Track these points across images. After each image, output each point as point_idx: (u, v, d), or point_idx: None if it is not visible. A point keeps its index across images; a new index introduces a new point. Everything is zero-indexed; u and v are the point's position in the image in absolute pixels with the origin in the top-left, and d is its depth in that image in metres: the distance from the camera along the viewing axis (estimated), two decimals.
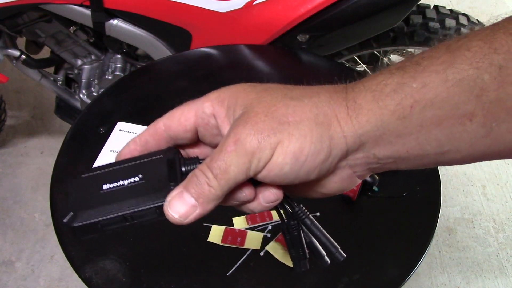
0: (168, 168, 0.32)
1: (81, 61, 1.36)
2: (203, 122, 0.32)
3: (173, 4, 1.09)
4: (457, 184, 1.67)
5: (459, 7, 1.46)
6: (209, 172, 0.29)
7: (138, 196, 0.31)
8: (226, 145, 0.28)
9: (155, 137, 0.33)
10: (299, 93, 0.30)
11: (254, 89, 0.30)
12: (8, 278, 1.43)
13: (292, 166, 0.28)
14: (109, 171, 0.33)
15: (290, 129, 0.28)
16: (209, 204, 0.30)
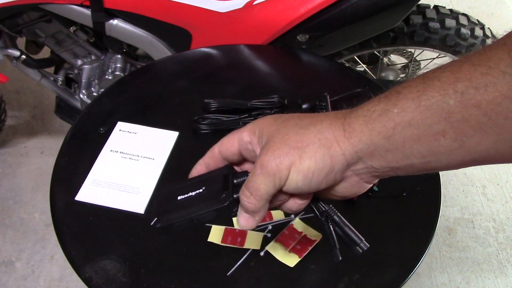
0: (223, 181, 0.42)
1: (81, 61, 1.36)
2: (244, 147, 0.42)
3: (173, 4, 1.09)
4: (457, 184, 1.67)
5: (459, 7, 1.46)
6: (247, 192, 0.39)
7: (201, 203, 0.41)
8: (255, 169, 0.38)
9: (213, 160, 0.44)
10: (307, 122, 0.38)
11: (275, 122, 0.40)
12: (8, 278, 1.43)
13: (303, 181, 0.37)
14: (183, 186, 0.44)
15: (299, 153, 0.36)
16: (258, 214, 0.40)
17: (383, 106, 0.34)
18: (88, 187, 0.77)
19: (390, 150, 0.34)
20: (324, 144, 0.36)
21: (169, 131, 0.86)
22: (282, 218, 0.73)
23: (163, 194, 0.45)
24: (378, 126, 0.34)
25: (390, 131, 0.34)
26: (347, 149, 0.36)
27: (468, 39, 1.26)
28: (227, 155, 0.43)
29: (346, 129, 0.36)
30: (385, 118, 0.34)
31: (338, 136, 0.36)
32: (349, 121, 0.36)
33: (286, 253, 0.69)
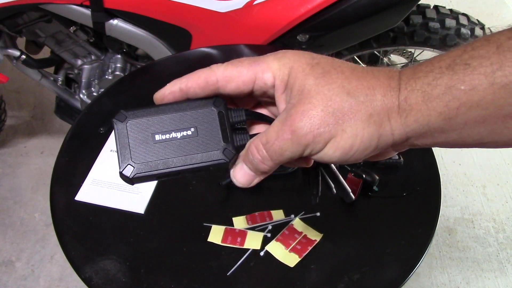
0: (219, 122, 0.33)
1: (81, 61, 1.36)
2: (261, 90, 0.34)
3: (173, 4, 1.09)
4: (457, 184, 1.67)
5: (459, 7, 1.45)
6: (265, 153, 0.32)
7: (193, 152, 0.33)
8: (283, 132, 0.31)
9: (204, 90, 0.34)
10: (356, 86, 0.31)
11: (313, 71, 0.32)
12: (8, 278, 1.43)
13: (340, 158, 0.32)
14: (158, 119, 0.33)
15: (344, 126, 0.31)
16: (265, 174, 0.34)
17: (447, 80, 0.29)
18: (88, 187, 0.77)
19: (446, 132, 0.30)
20: (375, 121, 0.31)
21: None
22: (282, 218, 0.73)
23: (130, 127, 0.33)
24: (439, 105, 0.29)
25: (453, 112, 0.29)
26: (398, 129, 0.31)
27: (468, 39, 1.26)
28: (230, 91, 0.34)
29: (401, 105, 0.30)
30: (449, 96, 0.29)
31: (392, 112, 0.31)
32: (406, 94, 0.30)
33: (286, 253, 0.69)
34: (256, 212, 0.74)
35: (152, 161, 0.32)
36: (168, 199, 0.76)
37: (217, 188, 0.77)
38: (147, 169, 0.32)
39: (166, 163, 0.32)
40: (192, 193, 0.77)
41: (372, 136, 0.31)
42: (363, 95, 0.31)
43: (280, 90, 0.33)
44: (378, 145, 0.32)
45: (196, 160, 0.33)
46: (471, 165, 1.73)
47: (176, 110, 0.34)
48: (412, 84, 0.30)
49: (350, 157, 0.32)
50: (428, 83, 0.29)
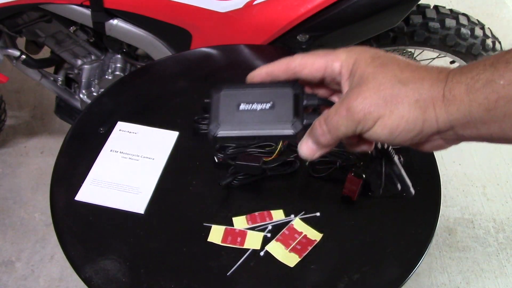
0: (293, 101, 0.39)
1: (81, 61, 1.36)
2: (330, 76, 0.39)
3: (173, 4, 1.09)
4: (457, 184, 1.67)
5: (459, 7, 1.46)
6: (325, 127, 0.37)
7: (268, 122, 0.39)
8: (341, 109, 0.36)
9: (286, 73, 0.40)
10: (408, 76, 0.35)
11: (373, 62, 0.37)
12: (8, 278, 1.43)
13: (387, 137, 0.36)
14: (245, 92, 0.40)
15: (392, 108, 0.35)
16: (326, 148, 0.39)
17: (488, 75, 0.32)
18: (88, 187, 0.77)
19: (487, 123, 0.33)
20: (420, 106, 0.34)
21: (169, 131, 0.86)
22: (282, 218, 0.73)
23: (223, 96, 0.41)
24: (480, 97, 0.32)
25: (492, 104, 0.32)
26: (442, 116, 0.34)
27: (468, 39, 1.26)
28: (305, 76, 0.40)
29: (445, 95, 0.34)
30: (489, 89, 0.32)
31: (437, 100, 0.34)
32: (451, 86, 0.34)
33: (286, 253, 0.69)
34: (256, 212, 0.74)
35: (234, 124, 0.39)
36: (168, 199, 0.76)
37: (217, 188, 0.77)
38: (230, 129, 0.39)
39: (245, 127, 0.39)
40: (192, 193, 0.77)
41: (417, 119, 0.34)
42: (412, 84, 0.35)
43: (345, 76, 0.38)
44: (423, 130, 0.35)
45: (269, 128, 0.38)
46: (471, 165, 1.73)
47: (260, 87, 0.40)
48: (457, 77, 0.34)
49: (396, 137, 0.35)
50: (472, 77, 0.33)
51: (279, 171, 0.78)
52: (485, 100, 0.32)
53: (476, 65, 0.33)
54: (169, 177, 0.79)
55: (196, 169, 0.80)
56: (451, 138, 0.36)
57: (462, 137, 0.35)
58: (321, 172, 0.78)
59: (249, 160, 0.75)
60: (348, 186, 0.74)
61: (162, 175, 0.79)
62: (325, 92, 0.43)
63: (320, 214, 0.73)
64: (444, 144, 0.38)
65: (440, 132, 0.35)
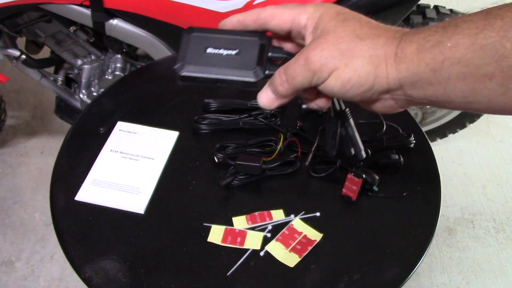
0: (259, 51, 0.40)
1: (81, 61, 1.36)
2: (296, 29, 0.40)
3: (173, 4, 1.09)
4: (457, 184, 1.67)
5: (459, 7, 1.46)
6: (284, 76, 0.38)
7: (232, 67, 0.40)
8: (299, 59, 0.37)
9: (255, 23, 0.41)
10: (365, 32, 0.36)
11: (336, 17, 0.38)
12: (8, 278, 1.43)
13: (339, 89, 0.37)
14: (214, 37, 0.41)
15: (346, 61, 0.35)
16: (284, 99, 0.40)
17: (438, 37, 0.33)
18: (88, 187, 0.77)
19: (433, 84, 0.34)
20: (373, 62, 0.35)
21: (169, 131, 0.86)
22: (282, 218, 0.73)
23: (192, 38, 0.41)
24: (428, 57, 0.33)
25: (438, 64, 0.33)
26: (392, 74, 0.35)
27: None
28: (272, 27, 0.41)
29: (398, 53, 0.35)
30: (436, 50, 0.33)
31: (389, 58, 0.35)
32: (403, 45, 0.35)
33: (286, 253, 0.69)
34: (256, 212, 0.74)
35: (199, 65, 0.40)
36: (168, 199, 0.76)
37: (217, 188, 0.77)
38: (193, 70, 0.41)
39: (209, 70, 0.40)
40: (192, 193, 0.77)
41: (369, 74, 0.35)
42: (368, 39, 0.36)
43: (309, 29, 0.39)
44: (374, 86, 0.36)
45: (232, 73, 0.40)
46: (471, 165, 1.73)
47: (229, 34, 0.41)
48: (410, 37, 0.35)
49: (347, 90, 0.36)
50: (423, 37, 0.34)
51: (279, 171, 0.78)
52: (432, 60, 0.33)
53: (430, 27, 0.34)
54: (169, 177, 0.79)
55: (196, 169, 0.80)
56: (401, 99, 0.37)
57: (411, 98, 0.36)
58: (321, 172, 0.78)
59: (249, 160, 0.75)
60: (348, 186, 0.74)
61: (162, 175, 0.79)
62: (291, 47, 0.44)
63: (320, 214, 0.73)
64: (395, 105, 0.38)
65: (390, 90, 0.36)
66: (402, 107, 0.39)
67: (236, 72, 0.40)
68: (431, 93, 0.34)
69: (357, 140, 0.46)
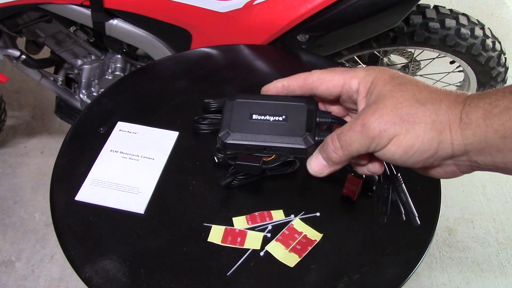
0: (307, 117, 0.39)
1: (81, 61, 1.36)
2: (347, 94, 0.39)
3: (173, 4, 1.09)
4: (457, 184, 1.67)
5: (459, 7, 1.46)
6: (337, 143, 0.37)
7: (279, 134, 0.39)
8: (355, 125, 0.36)
9: (302, 88, 0.40)
10: (426, 97, 0.35)
11: (391, 81, 0.36)
12: (8, 278, 1.43)
13: (401, 156, 0.35)
14: (259, 103, 0.40)
15: (408, 127, 0.34)
16: (336, 166, 0.38)
17: (507, 102, 0.32)
18: (88, 187, 0.77)
19: (502, 151, 0.32)
20: (437, 128, 0.34)
21: (169, 131, 0.86)
22: (282, 218, 0.73)
23: (236, 105, 0.40)
24: (497, 123, 0.32)
25: (509, 131, 0.31)
26: (457, 140, 0.34)
27: (468, 39, 1.26)
28: (321, 92, 0.40)
29: (462, 118, 0.33)
30: (506, 116, 0.31)
31: (453, 123, 0.34)
32: (468, 110, 0.33)
33: (286, 253, 0.69)
34: (256, 212, 0.74)
35: (245, 133, 0.39)
36: (168, 199, 0.76)
37: (217, 188, 0.77)
38: (239, 138, 0.39)
39: (256, 137, 0.38)
40: (192, 193, 0.77)
41: (433, 140, 0.34)
42: (430, 104, 0.34)
43: (362, 94, 0.38)
44: (437, 152, 0.34)
45: (280, 140, 0.38)
46: None
47: (274, 99, 0.40)
48: (475, 102, 0.33)
49: (409, 157, 0.35)
50: (490, 102, 0.32)
51: (279, 171, 0.78)
52: (501, 126, 0.32)
53: (496, 91, 0.33)
54: (169, 177, 0.79)
55: (196, 169, 0.80)
56: (465, 165, 0.36)
57: (476, 164, 0.35)
58: None
59: (249, 160, 0.75)
60: (348, 186, 0.74)
61: (162, 175, 0.79)
62: (339, 111, 0.43)
63: (320, 214, 0.73)
64: (457, 170, 0.37)
65: (454, 156, 0.35)
66: (464, 173, 0.38)
67: (285, 139, 0.38)
68: (500, 160, 0.33)
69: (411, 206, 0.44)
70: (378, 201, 0.45)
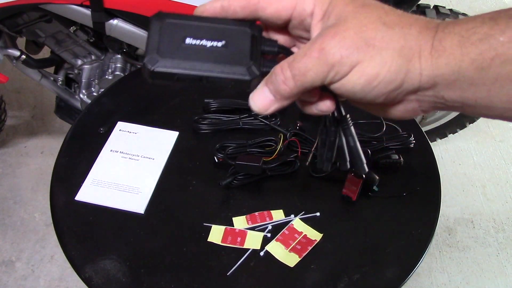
0: (251, 44, 0.33)
1: (81, 61, 1.36)
2: (299, 18, 0.33)
3: (173, 4, 1.09)
4: (457, 184, 1.67)
5: (459, 7, 1.46)
6: (288, 72, 0.31)
7: (218, 62, 0.32)
8: (311, 50, 0.30)
9: (244, 10, 0.33)
10: (393, 19, 0.30)
11: (353, 2, 0.31)
12: (8, 278, 1.43)
13: (363, 87, 0.30)
14: (193, 25, 0.33)
15: (373, 53, 0.29)
16: (285, 101, 0.32)
17: (486, 29, 0.28)
18: (88, 187, 0.77)
19: (475, 85, 0.28)
20: (405, 55, 0.29)
21: (169, 131, 0.86)
22: (282, 218, 0.73)
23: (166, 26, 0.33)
24: (474, 52, 0.28)
25: (487, 62, 0.27)
26: (427, 70, 0.29)
27: None
28: (269, 16, 0.33)
29: (435, 45, 0.29)
30: (486, 44, 0.27)
31: (424, 50, 0.29)
32: (441, 36, 0.29)
33: (286, 253, 0.69)
34: (256, 212, 0.74)
35: (177, 59, 0.32)
36: (168, 199, 0.76)
37: (217, 188, 0.77)
38: (170, 65, 0.32)
39: (190, 65, 0.32)
40: (192, 193, 0.77)
41: (400, 68, 0.29)
42: (398, 27, 0.30)
43: (317, 17, 0.32)
44: (403, 83, 0.30)
45: (220, 70, 0.32)
46: (471, 165, 1.73)
47: (211, 22, 0.33)
48: (450, 28, 0.29)
49: (373, 88, 0.30)
50: (467, 29, 0.28)
51: (279, 171, 0.78)
52: (479, 56, 0.28)
53: (473, 18, 0.29)
54: (169, 177, 0.79)
55: (196, 169, 0.80)
56: (428, 101, 0.31)
57: (442, 101, 0.31)
58: (321, 172, 0.78)
59: (249, 160, 0.75)
60: (348, 186, 0.74)
61: (162, 175, 0.79)
62: (285, 40, 0.36)
63: (320, 214, 0.73)
64: (418, 108, 0.33)
65: (420, 89, 0.30)
66: (425, 112, 0.33)
67: (225, 69, 0.32)
68: (470, 95, 0.29)
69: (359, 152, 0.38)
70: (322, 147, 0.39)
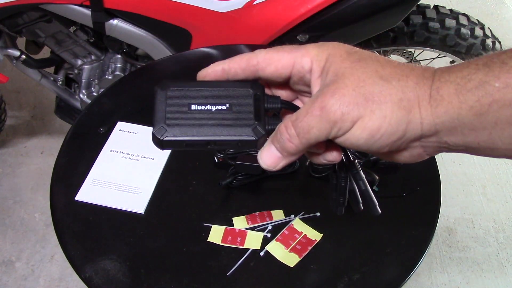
0: (254, 103, 0.34)
1: (81, 61, 1.36)
2: (298, 75, 0.34)
3: (173, 4, 1.09)
4: (457, 184, 1.67)
5: (459, 7, 1.46)
6: (293, 130, 0.32)
7: (224, 125, 0.33)
8: (313, 109, 0.31)
9: (245, 71, 0.35)
10: (390, 72, 0.31)
11: (349, 57, 0.32)
12: (8, 278, 1.43)
13: (366, 140, 0.31)
14: (197, 91, 0.34)
15: (373, 107, 0.30)
16: (292, 157, 0.34)
17: (481, 76, 0.29)
18: (88, 187, 0.77)
19: (476, 130, 0.29)
20: (405, 106, 0.30)
21: None
22: (282, 218, 0.73)
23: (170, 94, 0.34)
24: (471, 99, 0.29)
25: (485, 108, 0.28)
26: (427, 119, 0.30)
27: (468, 39, 1.26)
28: (269, 73, 0.35)
29: (432, 95, 0.30)
30: (482, 91, 0.28)
31: (422, 100, 0.30)
32: (438, 85, 0.30)
33: (286, 253, 0.69)
34: (256, 212, 0.74)
35: (184, 127, 0.33)
36: (168, 199, 0.76)
37: (217, 188, 0.77)
38: (178, 133, 0.33)
39: (197, 131, 0.33)
40: (192, 193, 0.77)
41: (401, 120, 0.30)
42: (395, 80, 0.31)
43: (316, 74, 0.34)
44: (406, 133, 0.31)
45: (226, 133, 0.33)
46: (471, 165, 1.73)
47: (214, 86, 0.35)
48: (446, 76, 0.30)
49: (376, 141, 0.31)
50: (463, 76, 0.29)
51: (279, 171, 0.78)
52: (476, 103, 0.29)
53: (467, 64, 0.30)
54: (169, 177, 0.79)
55: (196, 169, 0.80)
56: (432, 146, 0.32)
57: (445, 145, 0.32)
58: (321, 172, 0.78)
59: (249, 160, 0.75)
60: None
61: (162, 175, 0.79)
62: (287, 95, 0.38)
63: (320, 214, 0.73)
64: (423, 153, 0.34)
65: (423, 137, 0.32)
66: (430, 155, 0.34)
67: (232, 131, 0.33)
68: (472, 139, 0.30)
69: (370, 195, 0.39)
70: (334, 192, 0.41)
